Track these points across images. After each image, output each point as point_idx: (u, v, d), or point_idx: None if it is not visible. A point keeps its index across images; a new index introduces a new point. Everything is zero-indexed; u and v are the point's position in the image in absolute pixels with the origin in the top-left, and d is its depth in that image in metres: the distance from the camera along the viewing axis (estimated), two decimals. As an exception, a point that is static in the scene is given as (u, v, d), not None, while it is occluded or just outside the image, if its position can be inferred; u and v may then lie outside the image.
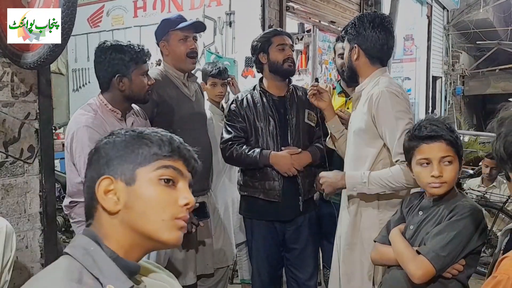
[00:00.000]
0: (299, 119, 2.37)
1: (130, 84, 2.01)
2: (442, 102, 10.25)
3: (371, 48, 1.93)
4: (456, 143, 1.54)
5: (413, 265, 1.49)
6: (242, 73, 4.12)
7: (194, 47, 2.36)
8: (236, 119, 2.36)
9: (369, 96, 1.88)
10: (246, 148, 2.31)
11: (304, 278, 2.43)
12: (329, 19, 5.26)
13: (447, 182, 1.53)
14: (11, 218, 2.12)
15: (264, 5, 3.98)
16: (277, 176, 2.31)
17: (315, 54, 4.96)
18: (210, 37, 4.25)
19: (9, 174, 2.21)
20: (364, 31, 1.92)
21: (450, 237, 1.47)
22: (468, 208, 1.51)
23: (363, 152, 1.94)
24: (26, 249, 2.28)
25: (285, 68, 2.35)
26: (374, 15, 1.98)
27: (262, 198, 2.33)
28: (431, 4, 8.98)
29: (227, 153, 2.35)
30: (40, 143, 2.30)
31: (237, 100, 2.40)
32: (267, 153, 2.28)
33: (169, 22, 2.37)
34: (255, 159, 2.27)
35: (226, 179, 3.02)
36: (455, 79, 10.84)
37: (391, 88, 1.86)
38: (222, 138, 2.39)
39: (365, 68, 1.97)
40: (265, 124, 2.33)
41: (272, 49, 2.36)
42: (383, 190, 1.86)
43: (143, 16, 4.67)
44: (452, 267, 1.49)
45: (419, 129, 1.57)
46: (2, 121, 2.17)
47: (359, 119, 1.94)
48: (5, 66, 2.17)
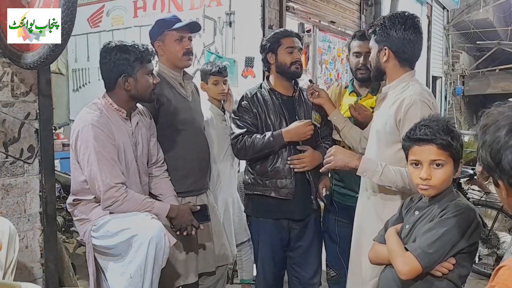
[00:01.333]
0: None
1: (136, 84, 2.03)
2: (442, 102, 10.24)
3: (402, 51, 1.90)
4: (451, 146, 1.52)
5: (400, 261, 1.50)
6: (242, 73, 4.11)
7: (189, 47, 2.37)
8: (248, 115, 2.35)
9: (398, 100, 1.88)
10: (257, 134, 2.30)
11: (307, 277, 2.44)
12: (329, 19, 5.25)
13: (434, 186, 1.53)
14: (11, 218, 2.12)
15: (264, 5, 3.97)
16: (290, 174, 2.30)
17: (315, 54, 4.96)
18: (210, 37, 4.25)
19: (9, 174, 2.21)
20: (395, 33, 1.88)
21: (438, 235, 1.46)
22: (460, 206, 1.51)
23: (383, 152, 1.95)
24: (26, 249, 2.28)
25: (292, 70, 2.36)
26: (405, 15, 1.92)
27: (274, 196, 2.32)
28: (431, 4, 8.97)
29: (239, 144, 2.31)
30: (40, 143, 2.30)
31: (247, 96, 2.39)
32: (278, 132, 2.27)
33: (164, 22, 2.37)
34: (269, 140, 2.26)
35: (227, 178, 3.01)
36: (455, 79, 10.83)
37: (423, 96, 1.84)
38: (233, 133, 2.36)
39: (394, 70, 1.95)
40: (276, 122, 2.33)
41: (281, 50, 2.36)
42: (389, 185, 1.87)
43: (143, 16, 4.66)
44: (441, 265, 1.48)
45: (414, 131, 1.57)
46: (2, 121, 2.17)
47: (383, 121, 1.93)
48: (5, 66, 2.17)
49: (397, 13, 1.96)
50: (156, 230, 1.84)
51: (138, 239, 1.83)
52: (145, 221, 1.89)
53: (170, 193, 2.22)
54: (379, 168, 1.85)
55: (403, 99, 1.86)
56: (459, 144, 1.55)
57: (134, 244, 1.84)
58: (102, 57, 2.04)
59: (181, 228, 2.08)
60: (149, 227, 1.85)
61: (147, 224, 1.87)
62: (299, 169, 2.31)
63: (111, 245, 1.92)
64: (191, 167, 2.37)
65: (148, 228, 1.85)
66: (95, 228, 1.96)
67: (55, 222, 2.50)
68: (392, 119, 1.87)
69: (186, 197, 2.32)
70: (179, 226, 2.08)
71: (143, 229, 1.85)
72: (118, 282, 1.91)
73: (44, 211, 2.34)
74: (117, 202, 1.91)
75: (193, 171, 2.38)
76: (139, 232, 1.84)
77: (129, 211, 1.93)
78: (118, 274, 1.91)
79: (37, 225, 2.33)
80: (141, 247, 1.83)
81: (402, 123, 1.83)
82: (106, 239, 1.93)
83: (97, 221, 1.96)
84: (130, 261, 1.86)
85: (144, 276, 1.86)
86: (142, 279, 1.86)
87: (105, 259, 2.00)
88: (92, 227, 1.97)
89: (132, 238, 1.85)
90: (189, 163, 2.36)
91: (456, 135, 1.55)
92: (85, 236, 2.01)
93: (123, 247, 1.89)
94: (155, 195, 2.21)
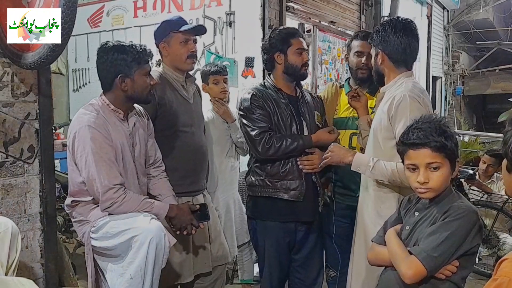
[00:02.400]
0: (311, 120, 2.38)
1: (133, 85, 2.02)
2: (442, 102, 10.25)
3: (394, 52, 2.03)
4: (445, 147, 1.51)
5: (404, 265, 1.49)
6: (242, 73, 4.11)
7: (194, 50, 2.37)
8: (262, 112, 2.27)
9: (390, 97, 1.96)
10: (286, 136, 2.25)
11: (312, 277, 2.44)
12: (329, 19, 5.25)
13: (433, 188, 1.53)
14: (11, 218, 2.12)
15: (264, 5, 3.97)
16: (300, 176, 2.28)
17: (315, 54, 4.96)
18: (210, 37, 4.24)
19: (9, 174, 2.21)
20: (387, 37, 2.03)
21: (442, 238, 1.46)
22: (463, 209, 1.51)
23: (378, 148, 2.02)
24: (26, 249, 2.28)
25: (302, 73, 2.35)
26: (396, 20, 2.07)
27: (284, 198, 2.28)
28: (431, 4, 8.98)
29: (267, 142, 2.21)
30: (40, 143, 2.30)
31: (257, 94, 2.30)
32: (308, 137, 2.28)
33: (170, 23, 2.36)
34: (299, 144, 2.24)
35: (228, 179, 3.01)
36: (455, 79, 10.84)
37: (413, 92, 1.93)
38: (254, 129, 2.24)
39: (390, 72, 2.06)
40: (286, 122, 2.29)
41: (291, 51, 2.31)
42: (382, 179, 1.96)
43: (143, 16, 4.66)
44: (444, 268, 1.49)
45: (407, 135, 1.57)
46: (2, 121, 2.17)
47: (378, 118, 2.02)
48: (5, 66, 2.17)
49: (390, 19, 2.12)
50: (156, 231, 1.84)
51: (138, 240, 1.83)
52: (145, 221, 1.88)
53: (168, 193, 2.22)
54: (371, 163, 1.94)
55: (395, 96, 1.94)
56: (454, 144, 1.54)
57: (134, 244, 1.84)
58: (99, 57, 2.03)
59: (181, 227, 2.08)
60: (149, 228, 1.85)
61: (147, 225, 1.86)
62: (308, 170, 2.29)
63: (110, 246, 1.92)
64: (190, 169, 2.37)
65: (148, 229, 1.84)
66: (95, 230, 1.96)
67: (55, 222, 2.50)
68: (385, 116, 1.95)
69: (182, 197, 2.32)
70: (179, 226, 2.08)
71: (143, 230, 1.84)
72: (118, 283, 1.90)
73: (44, 211, 2.34)
74: (116, 203, 1.91)
75: (191, 173, 2.38)
76: (139, 233, 1.83)
77: (128, 212, 1.93)
78: (118, 275, 1.91)
79: (37, 225, 2.33)
80: (141, 247, 1.82)
81: (393, 119, 1.92)
82: (105, 240, 1.93)
83: (96, 223, 1.95)
84: (130, 262, 1.86)
85: (145, 277, 1.85)
86: (143, 280, 1.86)
87: (104, 260, 2.00)
88: (91, 228, 1.97)
89: (132, 238, 1.84)
90: (188, 165, 2.36)
91: (450, 135, 1.54)
92: (84, 237, 2.01)
93: (123, 248, 1.88)
94: (154, 196, 2.21)
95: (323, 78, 5.17)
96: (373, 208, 2.04)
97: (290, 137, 2.25)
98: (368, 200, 2.08)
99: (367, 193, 2.09)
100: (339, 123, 2.51)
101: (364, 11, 6.10)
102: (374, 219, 2.00)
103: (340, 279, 2.45)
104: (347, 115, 2.49)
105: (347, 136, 2.47)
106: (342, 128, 2.48)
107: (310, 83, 4.96)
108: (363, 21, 6.03)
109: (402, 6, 6.67)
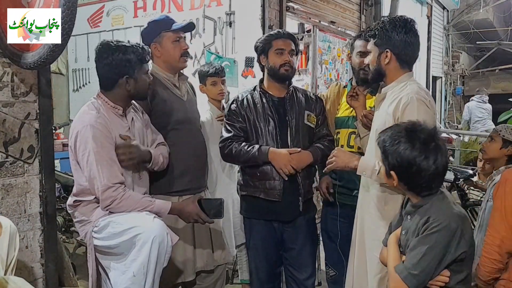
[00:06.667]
0: (299, 120, 2.38)
1: (136, 84, 2.05)
2: (442, 102, 10.25)
3: (404, 53, 1.96)
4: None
5: (391, 281, 1.54)
6: (242, 73, 4.12)
7: (186, 48, 2.40)
8: (236, 119, 2.36)
9: (395, 99, 1.92)
10: (245, 145, 2.31)
11: (301, 278, 2.43)
12: (329, 19, 5.26)
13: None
14: (11, 218, 2.12)
15: (264, 5, 3.98)
16: (278, 176, 2.30)
17: (315, 54, 4.96)
18: (210, 37, 4.25)
19: (9, 174, 2.21)
20: (397, 36, 1.94)
21: (421, 254, 1.48)
22: (440, 220, 1.50)
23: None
24: (26, 249, 2.28)
25: (281, 73, 2.36)
26: (405, 19, 1.99)
27: (263, 197, 2.33)
28: (431, 4, 8.98)
29: (226, 150, 2.35)
30: (40, 143, 2.30)
31: (237, 100, 2.41)
32: (265, 149, 2.28)
33: (159, 23, 2.37)
34: (254, 155, 2.27)
35: (226, 179, 3.01)
36: (455, 79, 10.84)
37: (420, 95, 1.89)
38: (222, 136, 2.39)
39: (394, 72, 2.00)
40: (265, 124, 2.34)
41: (271, 52, 2.36)
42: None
43: (143, 16, 4.66)
44: (435, 279, 1.50)
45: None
46: (2, 121, 2.17)
47: (382, 120, 1.96)
48: (5, 66, 2.17)
49: (396, 16, 2.04)
50: (159, 229, 1.85)
51: (141, 238, 1.84)
52: (148, 220, 1.90)
53: (158, 151, 2.17)
54: (377, 167, 1.89)
55: (401, 98, 1.90)
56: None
57: (137, 242, 1.85)
58: (102, 57, 2.03)
59: (190, 221, 2.12)
60: (152, 226, 1.86)
61: (150, 223, 1.88)
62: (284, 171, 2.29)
63: (113, 244, 1.93)
64: (188, 165, 2.37)
65: (151, 227, 1.86)
66: (97, 229, 1.97)
67: (55, 222, 2.50)
68: (390, 118, 1.91)
69: (184, 196, 2.32)
70: (187, 221, 2.12)
71: (146, 228, 1.85)
72: (121, 281, 1.91)
73: (44, 211, 2.34)
74: (115, 201, 1.92)
75: (190, 169, 2.38)
76: (142, 231, 1.85)
77: (129, 210, 1.94)
78: (121, 273, 1.92)
79: (37, 225, 2.33)
80: (144, 245, 1.83)
81: (400, 121, 1.86)
82: (108, 239, 1.94)
83: (98, 222, 1.96)
84: (133, 260, 1.87)
85: (147, 275, 1.86)
86: (145, 278, 1.87)
87: (107, 259, 2.01)
88: (93, 228, 1.98)
89: (135, 237, 1.86)
90: (186, 161, 2.36)
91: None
92: (86, 237, 2.01)
93: (125, 246, 1.89)
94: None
95: (323, 78, 5.17)
96: (375, 208, 2.01)
97: (249, 147, 2.29)
98: (369, 201, 2.06)
99: (367, 194, 2.07)
100: (340, 122, 2.52)
101: (364, 11, 6.10)
102: (376, 220, 1.98)
103: (340, 278, 2.46)
104: (347, 114, 2.49)
105: (347, 135, 2.47)
106: (342, 127, 2.49)
107: (310, 83, 4.97)
108: (363, 21, 6.03)
109: (402, 6, 6.67)
